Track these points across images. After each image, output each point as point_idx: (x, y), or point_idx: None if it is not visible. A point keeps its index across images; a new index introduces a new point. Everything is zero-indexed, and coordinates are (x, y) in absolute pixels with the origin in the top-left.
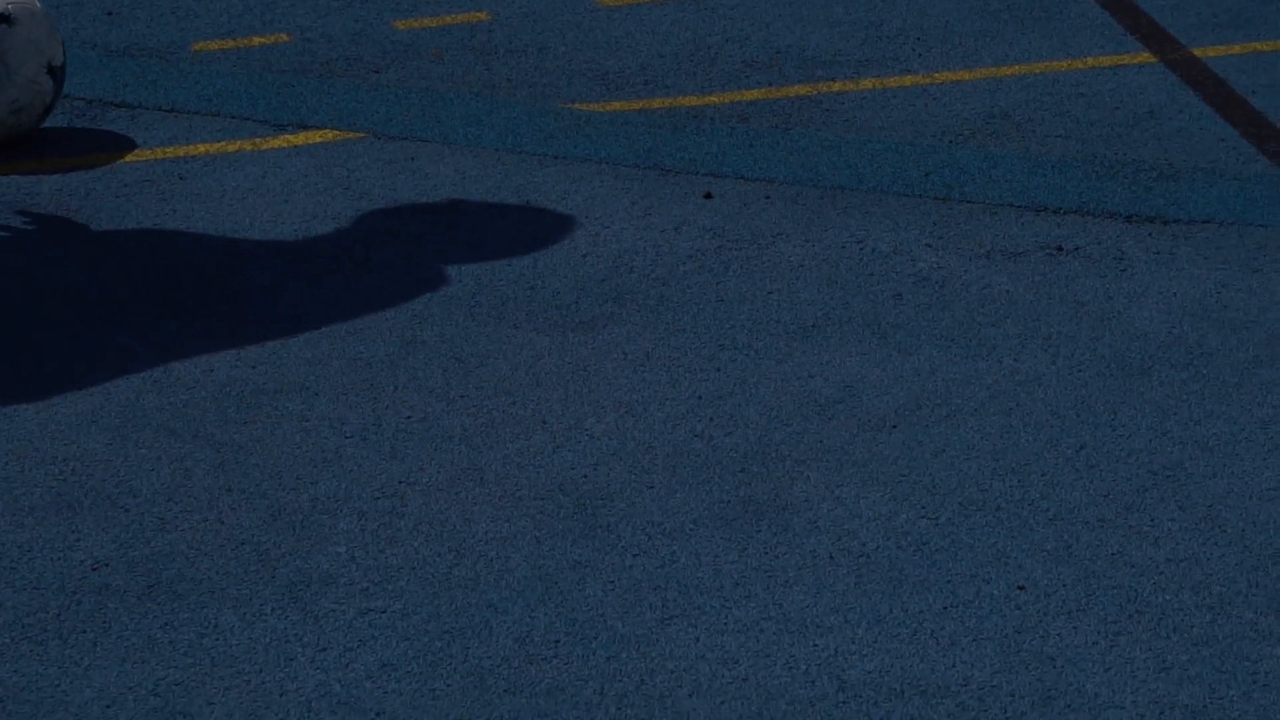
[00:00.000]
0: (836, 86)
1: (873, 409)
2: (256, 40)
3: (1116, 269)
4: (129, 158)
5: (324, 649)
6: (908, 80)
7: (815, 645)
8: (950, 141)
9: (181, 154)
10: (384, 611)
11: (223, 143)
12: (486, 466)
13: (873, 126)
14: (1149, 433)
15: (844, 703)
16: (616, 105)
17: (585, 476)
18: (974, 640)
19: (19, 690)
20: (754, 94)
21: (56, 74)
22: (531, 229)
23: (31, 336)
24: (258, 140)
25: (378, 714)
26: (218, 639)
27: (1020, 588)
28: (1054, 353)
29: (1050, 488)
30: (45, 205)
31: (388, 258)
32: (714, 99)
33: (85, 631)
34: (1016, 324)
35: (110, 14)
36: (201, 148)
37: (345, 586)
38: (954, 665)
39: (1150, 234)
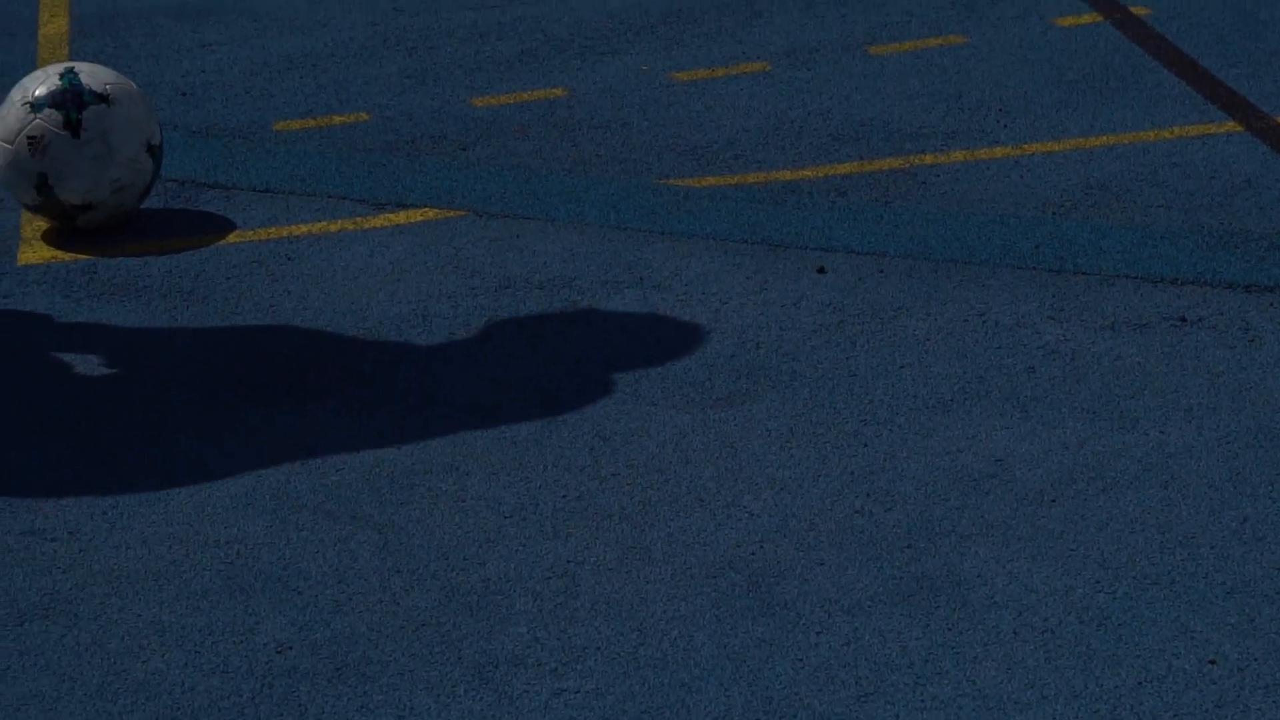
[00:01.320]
0: (928, 159)
1: (1027, 482)
2: (337, 119)
3: (1244, 339)
4: (231, 238)
5: None
6: (998, 152)
7: None
8: (1053, 213)
9: (284, 234)
10: (577, 692)
11: (324, 222)
12: (652, 545)
13: (971, 199)
14: None
15: None
16: (711, 180)
17: (753, 554)
18: (1175, 716)
19: None
20: (847, 167)
21: (155, 153)
22: (650, 306)
23: (169, 421)
24: (359, 219)
25: None
26: None
27: (1211, 662)
28: (1198, 424)
29: (1221, 560)
30: (158, 287)
31: (510, 335)
32: (808, 173)
33: (282, 715)
34: (1155, 396)
35: (185, 94)
36: (303, 228)
37: (534, 667)
38: None
39: (1272, 304)
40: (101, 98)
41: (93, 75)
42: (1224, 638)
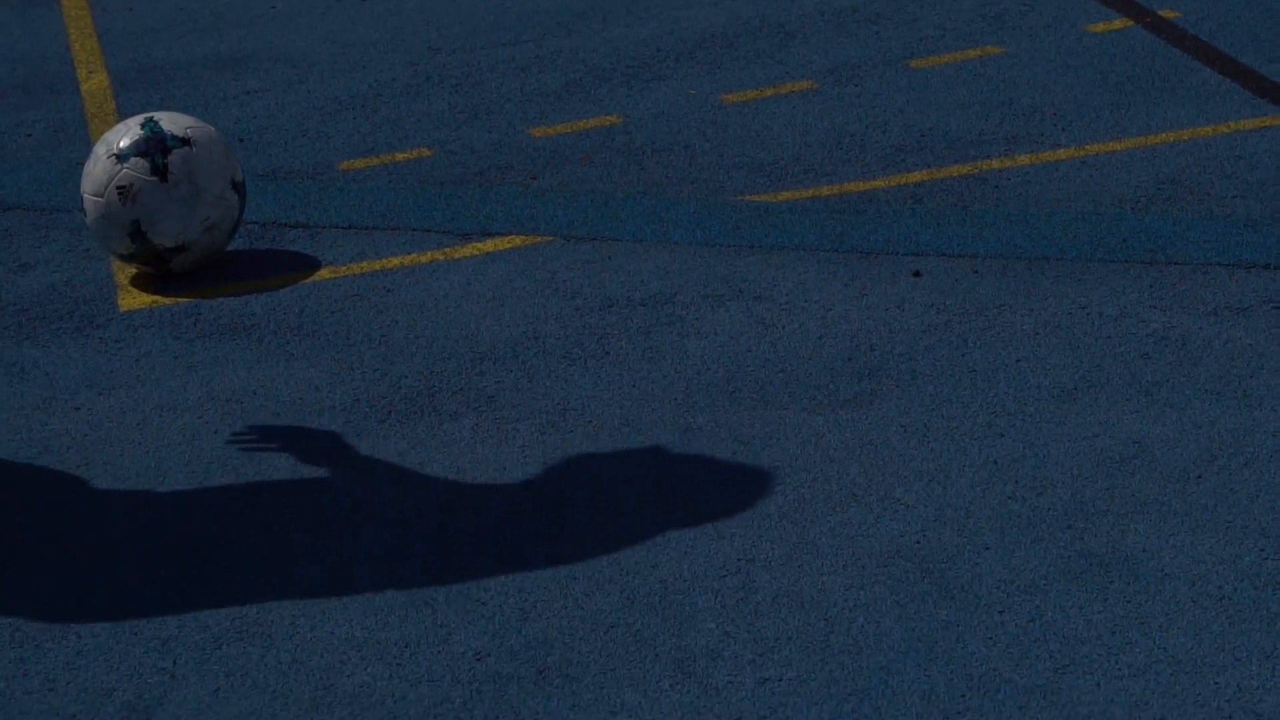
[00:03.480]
0: (995, 164)
1: (1169, 462)
2: (399, 156)
3: None
4: (325, 274)
5: (739, 718)
6: (1062, 154)
7: (1217, 684)
8: (1131, 208)
9: (377, 268)
10: (780, 680)
11: (414, 255)
12: (817, 539)
13: (1046, 199)
14: None
15: None
16: (786, 195)
17: (918, 542)
18: None
19: None
20: (917, 175)
21: (240, 189)
22: (756, 316)
23: (317, 448)
24: (447, 250)
25: None
26: (630, 717)
27: None
28: None
29: None
30: (266, 324)
31: (626, 351)
32: (879, 183)
33: (499, 718)
34: (1273, 375)
35: (242, 140)
36: (394, 260)
37: (731, 660)
38: None
39: None
40: (184, 141)
41: (172, 121)
42: None
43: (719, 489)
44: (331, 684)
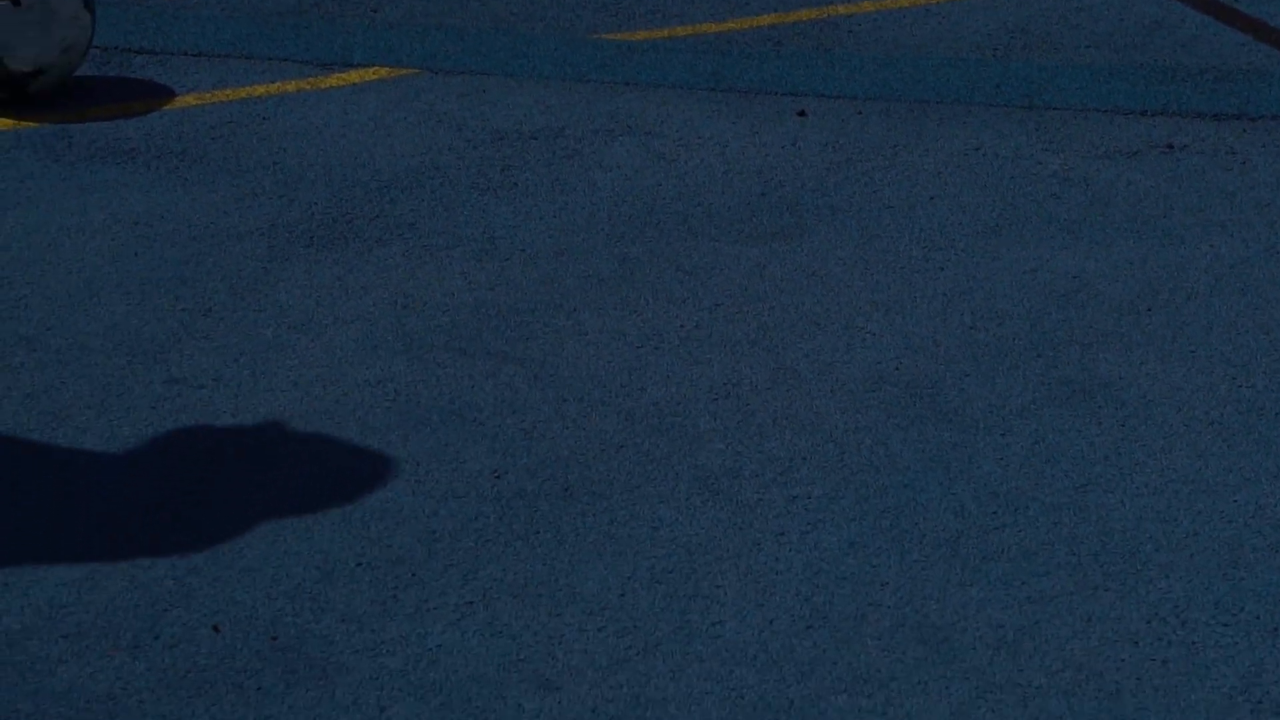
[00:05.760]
0: (842, 10)
1: (1116, 295)
2: None
3: (1236, 162)
4: (190, 100)
5: (783, 533)
6: (904, 1)
7: (1235, 501)
8: (991, 55)
9: (243, 95)
10: (809, 497)
11: (278, 83)
12: (795, 365)
13: (904, 45)
14: None
15: None
16: (642, 34)
17: (898, 369)
18: None
19: (526, 585)
20: (768, 19)
21: (91, 7)
22: (655, 152)
23: (248, 272)
24: (312, 80)
25: (871, 583)
26: (677, 530)
27: None
28: (1242, 237)
29: None
30: (149, 149)
31: (533, 182)
32: (733, 25)
33: (538, 534)
34: (1184, 214)
35: None
36: (259, 89)
37: (752, 478)
38: None
39: (1245, 130)
40: None
41: None
42: None
43: (679, 317)
44: (363, 499)
